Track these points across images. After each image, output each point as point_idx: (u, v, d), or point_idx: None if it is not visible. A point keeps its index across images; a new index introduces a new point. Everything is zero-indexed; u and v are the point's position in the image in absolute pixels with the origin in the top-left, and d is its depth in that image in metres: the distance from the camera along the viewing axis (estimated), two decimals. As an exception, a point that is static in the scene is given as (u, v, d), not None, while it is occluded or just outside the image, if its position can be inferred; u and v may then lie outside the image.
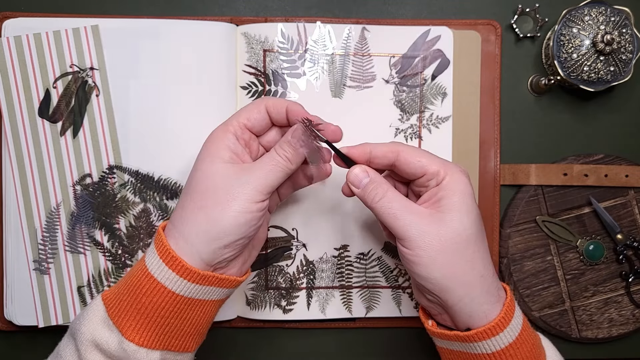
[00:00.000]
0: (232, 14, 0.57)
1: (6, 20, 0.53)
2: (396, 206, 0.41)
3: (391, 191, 0.42)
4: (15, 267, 0.53)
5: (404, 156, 0.43)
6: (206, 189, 0.41)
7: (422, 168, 0.42)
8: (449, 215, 0.40)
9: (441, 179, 0.42)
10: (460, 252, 0.40)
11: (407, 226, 0.40)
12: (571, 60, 0.54)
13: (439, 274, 0.40)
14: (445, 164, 0.42)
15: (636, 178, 0.58)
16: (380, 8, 0.58)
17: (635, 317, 0.58)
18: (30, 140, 0.53)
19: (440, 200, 0.41)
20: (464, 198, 0.41)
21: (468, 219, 0.40)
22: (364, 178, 0.43)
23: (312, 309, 0.56)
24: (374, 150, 0.44)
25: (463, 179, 0.42)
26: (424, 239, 0.40)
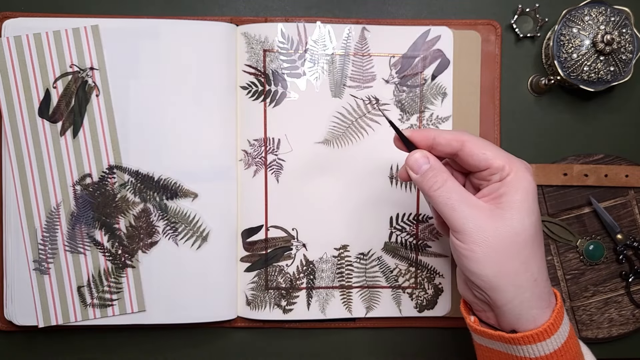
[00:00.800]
0: (232, 14, 0.57)
1: (6, 20, 0.53)
2: (455, 197, 0.40)
3: (450, 180, 0.40)
4: (15, 267, 0.53)
5: (469, 146, 0.41)
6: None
7: (486, 161, 0.40)
8: (509, 213, 0.39)
9: (505, 174, 0.40)
10: (516, 252, 0.39)
11: (464, 219, 0.39)
12: (571, 60, 0.54)
13: (491, 272, 0.39)
14: (511, 159, 0.40)
15: (636, 178, 0.58)
16: (380, 8, 0.58)
17: (635, 317, 0.58)
18: (30, 140, 0.53)
19: (501, 196, 0.39)
20: (527, 197, 0.39)
21: (529, 219, 0.39)
22: (424, 164, 0.41)
23: (312, 309, 0.56)
24: (437, 137, 0.42)
25: (528, 177, 0.40)
26: (480, 234, 0.38)
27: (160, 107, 0.54)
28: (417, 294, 0.57)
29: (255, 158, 0.55)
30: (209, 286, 0.55)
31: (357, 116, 0.55)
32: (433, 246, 0.56)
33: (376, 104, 0.40)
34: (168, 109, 0.54)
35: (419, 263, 0.56)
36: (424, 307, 0.57)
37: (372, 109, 0.54)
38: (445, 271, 0.57)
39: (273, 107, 0.55)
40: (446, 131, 0.42)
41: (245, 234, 0.56)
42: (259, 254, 0.56)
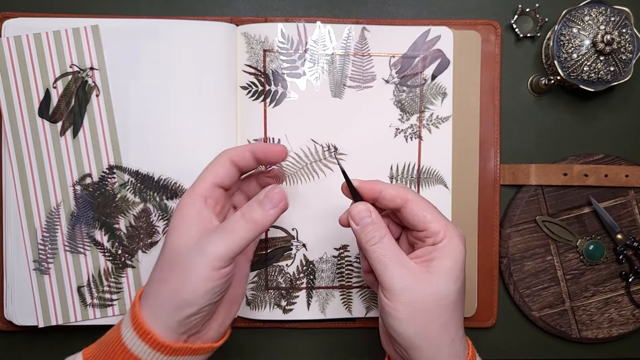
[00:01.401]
0: (232, 14, 0.57)
1: (6, 20, 0.53)
2: (389, 255, 0.41)
3: (387, 238, 0.42)
4: (15, 267, 0.53)
5: (411, 206, 0.43)
6: (170, 262, 0.40)
7: (424, 224, 0.42)
8: (437, 278, 0.40)
9: (439, 240, 0.42)
10: (438, 315, 0.40)
11: (394, 278, 0.40)
12: (571, 60, 0.54)
13: (412, 332, 0.40)
14: (447, 226, 0.42)
15: (636, 178, 0.58)
16: (380, 8, 0.58)
17: (635, 317, 0.58)
18: (30, 140, 0.53)
19: (432, 260, 0.41)
20: (455, 265, 0.41)
21: (454, 285, 0.41)
22: (365, 217, 0.43)
23: (312, 309, 0.56)
24: (383, 191, 0.43)
25: (459, 247, 0.42)
26: (407, 295, 0.40)
27: (160, 107, 0.54)
28: (417, 294, 0.57)
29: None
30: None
31: (312, 160, 0.55)
32: (433, 246, 0.57)
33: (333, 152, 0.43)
34: (168, 109, 0.54)
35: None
36: (424, 307, 0.57)
37: (329, 157, 0.55)
38: (445, 271, 0.57)
39: (273, 107, 0.55)
40: (392, 186, 0.44)
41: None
42: (258, 254, 0.56)
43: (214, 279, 0.40)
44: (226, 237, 0.40)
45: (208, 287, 0.40)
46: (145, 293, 0.42)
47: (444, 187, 0.56)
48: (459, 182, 0.56)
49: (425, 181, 0.56)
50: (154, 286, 0.41)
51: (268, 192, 0.42)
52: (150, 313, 0.40)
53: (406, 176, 0.56)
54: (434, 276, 0.41)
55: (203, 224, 0.41)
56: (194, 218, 0.41)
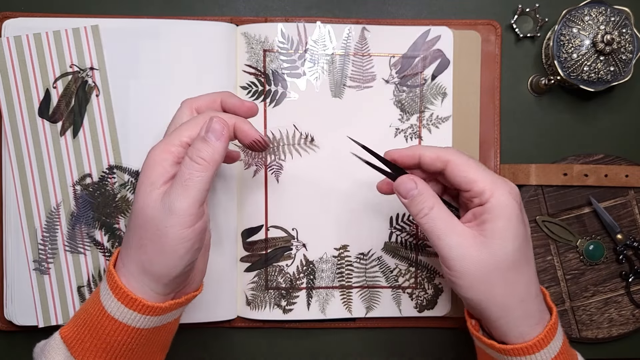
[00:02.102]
0: (232, 14, 0.57)
1: (6, 20, 0.53)
2: (440, 225, 0.40)
3: (437, 207, 0.41)
4: (15, 267, 0.53)
5: (451, 167, 0.41)
6: (142, 224, 0.39)
7: (467, 184, 0.41)
8: (491, 241, 0.39)
9: (485, 200, 0.40)
10: (500, 277, 0.39)
11: (449, 247, 0.40)
12: (571, 60, 0.54)
13: (476, 296, 0.40)
14: (494, 183, 0.40)
15: (636, 178, 0.58)
16: (380, 8, 0.58)
17: (635, 317, 0.58)
18: (30, 140, 0.53)
19: (484, 223, 0.40)
20: (509, 224, 0.39)
21: (512, 245, 0.39)
22: (411, 189, 0.42)
23: (312, 309, 0.56)
24: (422, 156, 0.42)
25: (510, 203, 0.40)
26: (464, 263, 0.39)
27: (160, 107, 0.54)
28: (417, 294, 0.57)
29: (255, 158, 0.55)
30: (209, 286, 0.55)
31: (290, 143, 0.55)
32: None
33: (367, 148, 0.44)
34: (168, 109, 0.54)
35: (419, 263, 0.56)
36: (424, 307, 0.57)
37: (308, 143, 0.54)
38: (445, 271, 0.57)
39: (273, 107, 0.55)
40: (431, 149, 0.42)
41: (245, 234, 0.56)
42: (259, 254, 0.56)
43: (190, 238, 0.39)
44: (184, 187, 0.38)
45: (187, 246, 0.39)
46: (122, 260, 0.41)
47: (444, 187, 0.56)
48: (459, 182, 0.56)
49: (425, 181, 0.56)
50: (132, 253, 0.40)
51: (207, 125, 0.40)
52: (132, 280, 0.40)
53: (406, 176, 0.56)
54: (488, 240, 0.39)
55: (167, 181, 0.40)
56: (164, 175, 0.40)
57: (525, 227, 0.41)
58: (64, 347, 0.40)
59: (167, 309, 0.41)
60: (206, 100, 0.45)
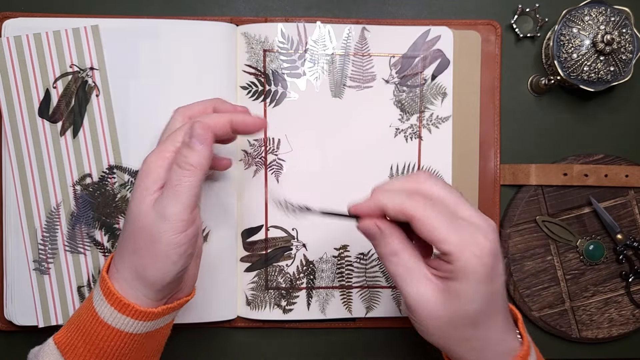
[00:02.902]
0: (232, 14, 0.57)
1: (6, 20, 0.53)
2: (402, 272, 0.39)
3: (401, 254, 0.39)
4: (15, 267, 0.53)
5: (416, 225, 0.37)
6: (136, 230, 0.39)
7: (433, 242, 0.37)
8: (452, 300, 0.37)
9: (451, 261, 0.37)
10: (458, 332, 0.39)
11: (409, 295, 0.39)
12: (571, 60, 0.54)
13: (436, 342, 0.40)
14: (462, 243, 0.36)
15: (636, 178, 0.58)
16: (380, 8, 0.58)
17: (635, 317, 0.58)
18: (30, 140, 0.53)
19: (448, 280, 0.37)
20: (472, 287, 0.37)
21: (474, 307, 0.37)
22: (375, 233, 0.40)
23: (312, 309, 0.56)
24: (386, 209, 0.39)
25: (476, 268, 0.36)
26: (423, 313, 0.38)
27: (160, 107, 0.54)
28: (417, 294, 0.57)
29: (255, 158, 0.55)
30: (209, 286, 0.55)
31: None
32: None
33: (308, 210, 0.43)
34: (168, 109, 0.54)
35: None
36: (424, 307, 0.57)
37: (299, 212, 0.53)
38: (445, 271, 0.57)
39: (273, 107, 0.55)
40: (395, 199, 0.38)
41: (245, 234, 0.56)
42: (259, 254, 0.56)
43: (182, 243, 0.39)
44: (174, 193, 0.39)
45: (180, 252, 0.39)
46: (116, 266, 0.41)
47: (444, 187, 0.56)
48: (459, 182, 0.56)
49: (425, 181, 0.56)
50: (126, 259, 0.40)
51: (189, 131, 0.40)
52: (125, 285, 0.40)
53: (406, 176, 0.56)
54: (450, 297, 0.37)
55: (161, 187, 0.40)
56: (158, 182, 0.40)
57: (493, 285, 0.38)
58: (57, 353, 0.41)
59: (160, 314, 0.41)
60: (199, 108, 0.46)
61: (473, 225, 0.38)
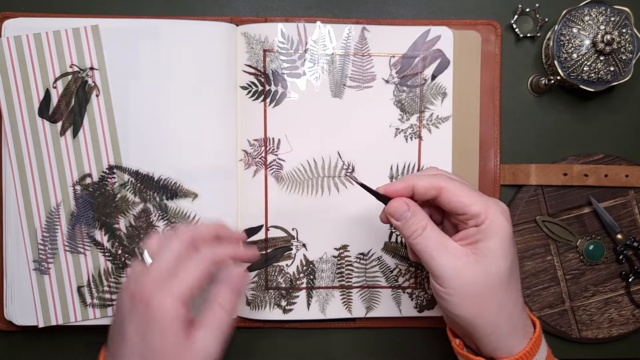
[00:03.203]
0: (232, 14, 0.57)
1: (6, 20, 0.53)
2: (433, 244, 0.41)
3: (429, 228, 0.42)
4: (15, 267, 0.53)
5: (445, 194, 0.42)
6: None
7: (462, 208, 0.42)
8: (485, 259, 0.40)
9: (481, 221, 0.41)
10: (492, 294, 0.41)
11: (442, 266, 0.41)
12: (571, 60, 0.54)
13: (468, 313, 0.41)
14: (487, 205, 0.41)
15: (636, 178, 0.58)
16: (380, 8, 0.58)
17: (635, 317, 0.58)
18: (30, 140, 0.53)
19: (478, 242, 0.41)
20: (502, 243, 0.41)
21: (505, 264, 0.41)
22: (404, 212, 0.43)
23: (312, 309, 0.56)
24: (416, 186, 0.43)
25: (504, 224, 0.41)
26: (457, 280, 0.40)
27: (160, 107, 0.54)
28: (417, 294, 0.57)
29: (255, 158, 0.55)
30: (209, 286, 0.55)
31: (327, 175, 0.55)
32: (433, 246, 0.56)
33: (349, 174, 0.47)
34: (168, 109, 0.54)
35: (418, 263, 0.56)
36: (424, 307, 0.57)
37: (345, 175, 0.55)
38: (445, 271, 0.57)
39: (273, 107, 0.55)
40: (424, 178, 0.43)
41: (245, 234, 0.56)
42: (259, 254, 0.56)
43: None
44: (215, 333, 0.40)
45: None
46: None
47: (444, 187, 0.56)
48: (459, 182, 0.56)
49: (425, 181, 0.56)
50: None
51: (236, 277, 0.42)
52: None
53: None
54: (481, 258, 0.41)
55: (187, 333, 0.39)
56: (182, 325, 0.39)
57: (515, 247, 0.42)
58: None
59: None
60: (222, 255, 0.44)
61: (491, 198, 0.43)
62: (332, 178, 0.55)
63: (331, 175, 0.55)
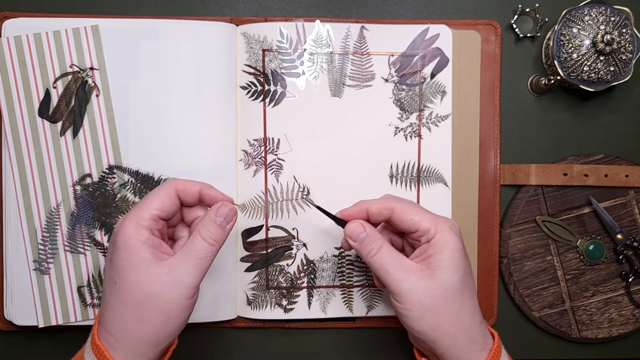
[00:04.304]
0: (232, 14, 0.57)
1: (6, 20, 0.53)
2: (388, 262, 0.44)
3: (385, 246, 0.44)
4: (15, 267, 0.53)
5: (397, 213, 0.45)
6: (142, 299, 0.41)
7: (414, 225, 0.44)
8: (437, 272, 0.42)
9: (431, 236, 0.44)
10: (447, 306, 0.42)
11: (398, 282, 0.43)
12: (571, 60, 0.54)
13: (427, 327, 0.42)
14: (437, 221, 0.44)
15: (636, 178, 0.58)
16: (380, 8, 0.58)
17: (635, 317, 0.58)
18: (30, 140, 0.53)
19: (430, 256, 0.43)
20: (452, 255, 0.43)
21: (456, 275, 0.42)
22: (360, 232, 0.45)
23: (313, 308, 0.56)
24: (370, 208, 0.46)
25: (453, 237, 0.43)
26: (413, 295, 0.42)
27: (160, 107, 0.54)
28: (417, 293, 0.57)
29: (255, 158, 0.55)
30: (209, 286, 0.55)
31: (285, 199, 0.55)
32: (433, 246, 0.56)
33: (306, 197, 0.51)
34: (168, 109, 0.54)
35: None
36: (424, 307, 0.57)
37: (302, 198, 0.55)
38: (445, 271, 0.57)
39: (273, 106, 0.55)
40: (376, 201, 0.46)
41: (245, 234, 0.56)
42: (259, 254, 0.56)
43: (190, 306, 0.42)
44: (196, 264, 0.42)
45: (187, 314, 0.42)
46: (114, 335, 0.41)
47: (444, 186, 0.56)
48: (459, 182, 0.56)
49: (425, 180, 0.56)
50: (128, 325, 0.41)
51: (220, 209, 0.44)
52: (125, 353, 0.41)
53: (406, 175, 0.56)
54: (434, 271, 0.43)
55: (159, 250, 0.42)
56: (146, 249, 0.41)
57: (467, 260, 0.44)
58: None
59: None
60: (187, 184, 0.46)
61: (440, 216, 0.45)
62: (291, 201, 0.55)
63: (289, 198, 0.55)
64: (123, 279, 0.41)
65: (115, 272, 0.41)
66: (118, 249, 0.41)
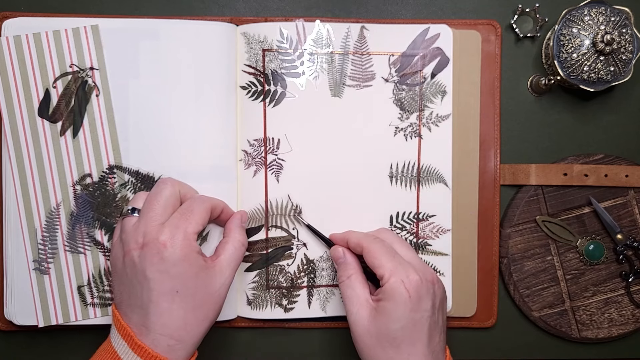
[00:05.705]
0: (232, 14, 0.57)
1: (6, 20, 0.53)
2: (349, 293, 0.48)
3: (354, 277, 0.49)
4: (15, 267, 0.53)
5: (366, 254, 0.49)
6: (207, 300, 0.46)
7: (374, 268, 0.47)
8: (380, 317, 0.46)
9: (384, 283, 0.46)
10: (381, 349, 0.45)
11: (349, 312, 0.48)
12: (571, 60, 0.54)
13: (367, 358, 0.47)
14: (395, 271, 0.46)
15: (636, 178, 0.58)
16: (380, 8, 0.58)
17: (635, 317, 0.58)
18: (30, 140, 0.53)
19: (380, 300, 0.46)
20: (396, 307, 0.45)
21: (394, 325, 0.45)
22: (339, 258, 0.51)
23: (313, 307, 0.56)
24: (349, 241, 0.51)
25: (400, 291, 0.45)
26: (357, 330, 0.47)
27: (160, 107, 0.54)
28: (417, 293, 0.57)
29: (255, 158, 0.55)
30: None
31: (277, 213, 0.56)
32: (433, 244, 0.56)
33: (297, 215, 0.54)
34: (168, 109, 0.54)
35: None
36: (424, 307, 0.57)
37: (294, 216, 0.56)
38: (446, 270, 0.57)
39: (273, 106, 0.55)
40: (357, 235, 0.51)
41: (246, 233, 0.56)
42: (259, 254, 0.56)
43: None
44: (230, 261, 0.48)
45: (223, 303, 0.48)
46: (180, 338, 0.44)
47: (444, 186, 0.56)
48: (459, 182, 0.56)
49: (425, 180, 0.56)
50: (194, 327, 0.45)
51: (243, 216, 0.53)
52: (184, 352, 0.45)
53: (406, 175, 0.56)
54: (378, 315, 0.46)
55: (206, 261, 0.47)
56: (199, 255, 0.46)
57: (416, 313, 0.45)
58: None
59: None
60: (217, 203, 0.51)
61: (410, 264, 0.48)
62: (284, 216, 0.56)
63: (283, 213, 0.56)
64: (188, 287, 0.45)
65: (177, 282, 0.45)
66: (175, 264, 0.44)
